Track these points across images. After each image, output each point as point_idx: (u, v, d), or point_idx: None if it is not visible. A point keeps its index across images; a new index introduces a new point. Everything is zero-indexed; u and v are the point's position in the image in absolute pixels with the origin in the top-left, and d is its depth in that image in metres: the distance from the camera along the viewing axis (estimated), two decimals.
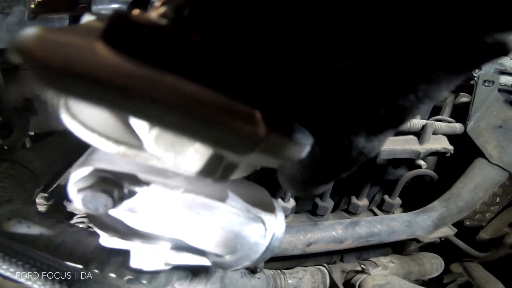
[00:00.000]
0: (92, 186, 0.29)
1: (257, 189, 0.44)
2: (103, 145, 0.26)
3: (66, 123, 0.25)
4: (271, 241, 0.38)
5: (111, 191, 0.30)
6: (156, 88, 0.16)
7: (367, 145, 0.22)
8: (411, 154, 0.81)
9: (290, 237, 0.78)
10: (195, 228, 0.36)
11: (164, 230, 0.36)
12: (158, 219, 0.35)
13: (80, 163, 0.32)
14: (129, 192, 0.32)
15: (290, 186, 0.26)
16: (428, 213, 0.89)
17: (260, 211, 0.38)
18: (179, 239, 0.37)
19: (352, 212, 1.01)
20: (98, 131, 0.25)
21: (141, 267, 0.41)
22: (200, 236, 0.37)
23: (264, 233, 0.37)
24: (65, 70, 0.15)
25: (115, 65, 0.16)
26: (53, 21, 0.64)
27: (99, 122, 0.25)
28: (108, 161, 0.32)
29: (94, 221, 0.39)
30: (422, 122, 0.81)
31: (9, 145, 0.67)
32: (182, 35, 0.17)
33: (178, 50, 0.17)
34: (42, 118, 0.75)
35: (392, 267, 0.89)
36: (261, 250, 0.38)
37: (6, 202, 0.49)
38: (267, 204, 0.40)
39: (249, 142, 0.19)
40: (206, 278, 0.59)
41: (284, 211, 0.92)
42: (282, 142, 0.21)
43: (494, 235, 1.12)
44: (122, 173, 0.31)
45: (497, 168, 0.89)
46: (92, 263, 0.45)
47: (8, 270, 0.35)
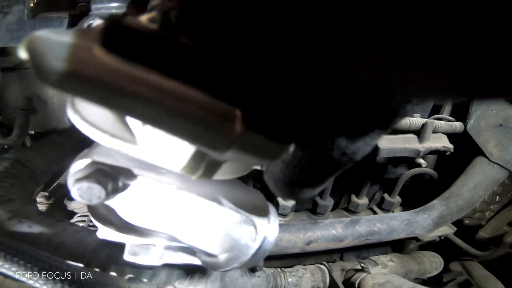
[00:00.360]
0: (88, 177, 0.30)
1: (252, 193, 0.44)
2: (100, 138, 0.28)
3: (70, 116, 0.28)
4: (261, 244, 0.38)
5: (105, 183, 0.31)
6: (137, 84, 0.18)
7: (350, 146, 0.22)
8: (411, 152, 0.81)
9: (290, 236, 0.78)
10: (186, 225, 0.37)
11: (156, 225, 0.38)
12: (151, 213, 0.36)
13: (81, 155, 0.34)
14: (123, 185, 0.33)
15: (274, 186, 0.26)
16: (428, 211, 0.89)
17: (252, 214, 0.38)
18: (172, 236, 0.38)
19: (352, 211, 1.01)
20: (97, 125, 0.28)
21: (134, 261, 0.42)
22: (191, 233, 0.38)
23: (255, 236, 0.38)
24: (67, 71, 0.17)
25: (105, 64, 0.17)
26: (52, 20, 0.64)
27: (99, 118, 0.28)
28: (106, 155, 0.33)
29: (93, 212, 0.41)
30: (422, 120, 0.81)
31: (9, 144, 0.67)
32: (169, 37, 0.19)
33: (163, 51, 0.18)
34: (42, 117, 0.75)
35: (391, 266, 0.89)
36: (251, 253, 0.38)
37: (6, 201, 0.49)
38: (261, 208, 0.40)
39: (224, 138, 0.20)
40: (206, 277, 0.59)
41: (284, 209, 0.92)
42: (259, 141, 0.21)
43: (493, 234, 1.13)
44: (118, 167, 0.33)
45: (497, 166, 0.89)
46: (93, 262, 0.45)
47: (10, 269, 0.35)
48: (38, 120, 0.75)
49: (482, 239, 1.14)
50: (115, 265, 0.46)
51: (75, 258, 0.45)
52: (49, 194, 0.95)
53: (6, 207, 0.47)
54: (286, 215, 0.95)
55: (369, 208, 1.05)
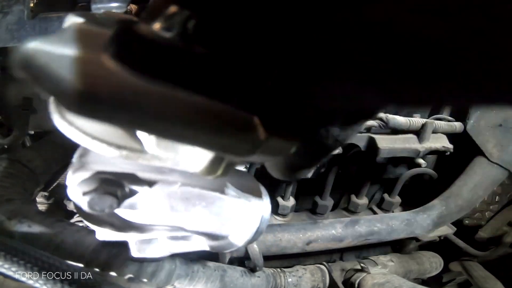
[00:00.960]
0: (96, 189, 0.30)
1: (244, 176, 0.48)
2: (105, 150, 0.26)
3: (63, 130, 0.25)
4: (260, 223, 0.42)
5: (115, 192, 0.31)
6: (164, 104, 0.17)
7: (342, 134, 0.26)
8: (411, 152, 0.81)
9: (290, 236, 0.78)
10: (194, 217, 0.39)
11: (163, 222, 0.39)
12: (158, 213, 0.37)
13: (77, 167, 0.33)
14: (130, 190, 0.34)
15: (276, 170, 0.30)
16: (427, 211, 0.89)
17: (249, 196, 0.42)
18: (174, 227, 0.39)
19: (351, 211, 1.01)
20: (99, 138, 0.25)
21: (143, 257, 0.43)
22: (198, 224, 0.40)
23: (254, 214, 0.42)
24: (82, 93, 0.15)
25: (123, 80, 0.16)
26: (52, 20, 0.64)
27: (97, 128, 0.25)
28: (106, 163, 0.33)
29: (89, 218, 0.40)
30: (421, 120, 0.81)
31: (9, 144, 0.67)
32: (187, 48, 0.18)
33: (183, 64, 0.18)
34: (42, 117, 0.75)
35: (391, 266, 0.89)
36: (253, 231, 0.42)
37: (6, 201, 0.49)
38: (255, 189, 0.44)
39: (250, 146, 0.21)
40: (206, 277, 0.59)
41: (284, 209, 0.92)
42: (278, 142, 0.23)
43: (493, 234, 1.13)
44: (122, 173, 0.33)
45: (496, 166, 0.89)
46: (92, 262, 0.45)
47: (10, 269, 0.35)
48: (38, 120, 0.75)
49: (481, 239, 1.14)
50: (115, 265, 0.46)
51: (75, 258, 0.45)
52: (49, 194, 0.95)
53: (5, 207, 0.47)
54: (286, 215, 0.95)
55: (369, 208, 1.05)
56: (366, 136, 0.80)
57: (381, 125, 0.78)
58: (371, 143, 0.79)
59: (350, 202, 1.00)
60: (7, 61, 0.70)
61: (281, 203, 0.92)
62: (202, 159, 0.26)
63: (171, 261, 0.53)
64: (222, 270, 0.64)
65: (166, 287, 0.52)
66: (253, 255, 0.71)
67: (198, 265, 0.59)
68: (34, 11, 0.64)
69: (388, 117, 0.77)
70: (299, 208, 1.03)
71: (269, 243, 0.76)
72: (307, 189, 0.99)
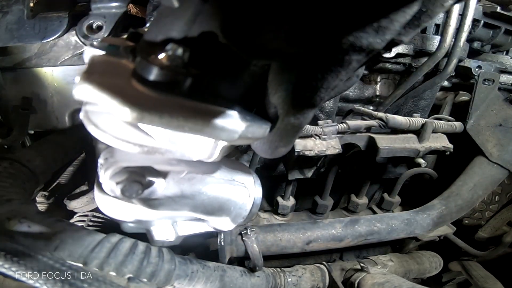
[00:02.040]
0: (126, 178, 0.39)
1: (236, 163, 0.57)
2: (131, 148, 0.34)
3: (99, 137, 0.34)
4: (253, 201, 0.50)
5: (140, 180, 0.40)
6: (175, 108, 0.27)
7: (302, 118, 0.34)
8: (411, 152, 0.81)
9: (290, 235, 0.78)
10: (198, 200, 0.46)
11: (176, 207, 0.45)
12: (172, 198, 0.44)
13: (107, 166, 0.41)
14: (149, 181, 0.42)
15: (260, 151, 0.40)
16: (427, 211, 0.89)
17: (243, 182, 0.50)
18: (184, 211, 0.46)
19: (351, 211, 1.01)
20: (127, 140, 0.34)
21: (165, 239, 0.51)
22: (202, 206, 0.47)
23: (248, 196, 0.50)
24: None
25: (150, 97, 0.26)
26: (52, 19, 0.64)
27: (124, 133, 0.34)
28: (128, 160, 0.42)
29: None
30: (421, 120, 0.81)
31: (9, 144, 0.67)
32: (186, 70, 0.28)
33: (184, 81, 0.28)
34: (42, 117, 0.75)
35: (391, 266, 0.89)
36: (249, 208, 0.50)
37: (6, 201, 0.49)
38: (247, 174, 0.52)
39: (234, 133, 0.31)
40: (205, 277, 0.59)
41: (284, 209, 0.93)
42: (255, 129, 0.33)
43: (493, 233, 1.13)
44: (142, 167, 0.42)
45: (496, 166, 0.89)
46: (92, 262, 0.45)
47: (10, 269, 0.35)
48: (38, 120, 0.75)
49: (481, 239, 1.14)
50: (114, 265, 0.46)
51: (75, 258, 0.45)
52: (49, 194, 0.95)
53: (5, 207, 0.47)
54: (286, 214, 0.95)
55: (368, 208, 1.06)
56: (366, 136, 0.80)
57: (381, 125, 0.78)
58: (371, 143, 0.79)
59: (350, 202, 1.01)
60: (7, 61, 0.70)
61: (281, 203, 0.92)
62: (203, 148, 0.36)
63: (170, 261, 0.54)
64: (222, 270, 0.64)
65: (166, 287, 0.53)
66: (252, 255, 0.71)
67: (197, 265, 0.59)
68: (34, 10, 0.64)
69: (388, 116, 0.78)
70: (299, 208, 1.03)
71: (269, 243, 0.76)
72: (307, 188, 0.99)
